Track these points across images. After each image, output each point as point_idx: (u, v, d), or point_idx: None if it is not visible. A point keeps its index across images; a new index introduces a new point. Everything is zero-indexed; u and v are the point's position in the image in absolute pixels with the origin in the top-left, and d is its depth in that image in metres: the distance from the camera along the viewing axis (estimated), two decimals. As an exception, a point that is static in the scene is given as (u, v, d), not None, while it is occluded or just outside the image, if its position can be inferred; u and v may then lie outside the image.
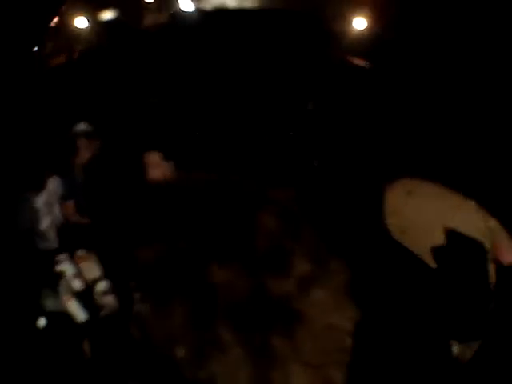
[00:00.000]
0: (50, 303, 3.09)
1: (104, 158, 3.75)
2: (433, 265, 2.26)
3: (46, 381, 2.70)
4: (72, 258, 3.25)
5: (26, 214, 3.74)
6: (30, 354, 2.84)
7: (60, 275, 3.11)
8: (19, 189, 3.72)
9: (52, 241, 3.65)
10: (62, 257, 3.17)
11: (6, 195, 3.81)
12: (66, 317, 3.06)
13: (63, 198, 3.92)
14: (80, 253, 3.32)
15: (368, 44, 8.73)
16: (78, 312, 3.04)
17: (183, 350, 2.20)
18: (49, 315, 3.08)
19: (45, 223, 3.81)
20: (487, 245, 2.25)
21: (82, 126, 3.97)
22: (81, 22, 14.14)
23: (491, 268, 2.41)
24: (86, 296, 3.10)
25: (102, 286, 3.16)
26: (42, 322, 3.04)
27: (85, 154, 3.80)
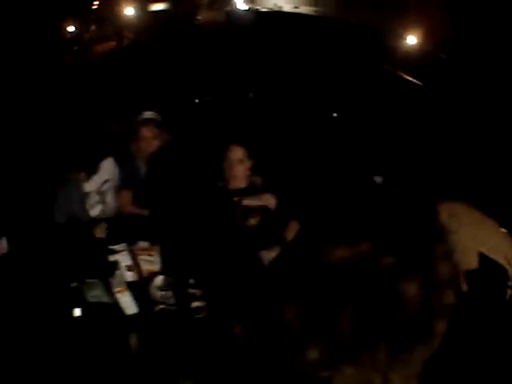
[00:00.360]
0: (96, 293, 2.80)
1: (173, 150, 3.55)
2: (464, 287, 2.16)
3: (87, 373, 2.44)
4: (131, 249, 2.98)
5: (74, 197, 3.49)
6: (71, 343, 2.56)
7: (114, 266, 2.90)
8: (68, 169, 3.58)
9: (102, 230, 3.36)
10: (119, 247, 2.97)
11: (52, 175, 3.69)
12: (113, 308, 2.78)
13: (120, 187, 3.65)
14: (142, 244, 3.06)
15: (418, 60, 8.62)
16: (129, 305, 2.76)
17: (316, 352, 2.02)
18: (93, 305, 2.81)
19: (96, 211, 3.57)
20: (510, 272, 2.18)
21: (149, 114, 3.73)
22: (129, 11, 14.21)
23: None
24: (139, 289, 2.83)
25: (159, 280, 2.88)
26: (77, 312, 2.77)
27: (151, 143, 3.57)
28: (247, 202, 3.23)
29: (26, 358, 2.45)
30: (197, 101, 6.35)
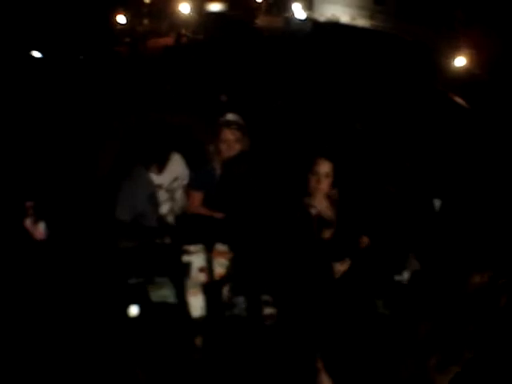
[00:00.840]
0: (163, 293, 2.74)
1: (255, 156, 3.49)
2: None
3: (149, 371, 2.37)
4: (208, 250, 2.92)
5: (140, 193, 3.44)
6: (126, 342, 2.51)
7: (186, 266, 2.85)
8: (133, 163, 3.54)
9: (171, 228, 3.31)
10: (194, 248, 2.91)
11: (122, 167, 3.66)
12: (179, 309, 2.72)
13: (191, 187, 3.60)
14: (220, 247, 2.99)
15: (466, 82, 8.50)
16: (199, 307, 2.69)
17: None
18: (157, 305, 2.74)
19: (165, 208, 3.50)
20: None
21: (233, 117, 3.64)
22: (184, 8, 14.37)
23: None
24: (212, 292, 2.76)
25: (232, 284, 2.83)
26: (134, 311, 2.69)
27: (233, 147, 3.50)
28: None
29: (76, 353, 2.40)
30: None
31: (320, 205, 3.21)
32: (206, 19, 14.96)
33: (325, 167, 3.17)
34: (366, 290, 2.79)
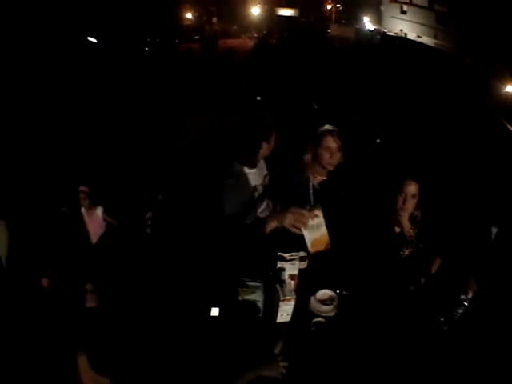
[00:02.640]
0: (253, 297, 2.80)
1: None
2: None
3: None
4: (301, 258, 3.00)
5: (245, 190, 3.50)
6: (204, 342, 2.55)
7: (278, 272, 2.89)
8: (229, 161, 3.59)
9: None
10: (290, 255, 2.95)
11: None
12: (264, 314, 2.81)
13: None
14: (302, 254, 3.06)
15: None
16: (287, 314, 2.74)
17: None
18: (244, 308, 2.81)
19: (263, 205, 3.53)
20: None
21: (331, 126, 3.68)
22: (255, 10, 14.54)
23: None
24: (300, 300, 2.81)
25: (322, 293, 2.91)
26: (215, 311, 2.70)
27: (336, 155, 3.53)
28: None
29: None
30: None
31: (404, 223, 3.33)
32: (277, 23, 15.02)
33: (412, 188, 3.32)
34: (434, 306, 2.82)
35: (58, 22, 12.34)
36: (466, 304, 2.77)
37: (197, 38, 16.03)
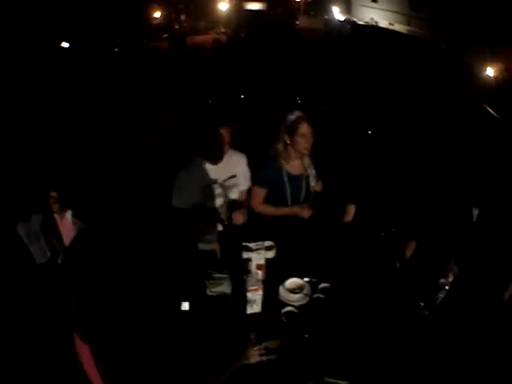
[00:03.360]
0: (220, 289, 2.78)
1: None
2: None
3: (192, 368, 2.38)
4: (265, 247, 3.00)
5: (195, 184, 3.47)
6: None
7: (245, 262, 2.87)
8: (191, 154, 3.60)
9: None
10: (255, 245, 2.94)
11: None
12: (234, 305, 2.77)
13: (255, 183, 3.65)
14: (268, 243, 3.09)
15: (495, 92, 8.41)
16: (256, 304, 2.71)
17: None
18: (212, 300, 2.80)
19: (217, 202, 3.48)
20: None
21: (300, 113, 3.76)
22: (222, 6, 14.39)
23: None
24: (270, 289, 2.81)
25: (290, 282, 2.87)
26: (186, 306, 2.69)
27: (309, 140, 3.60)
28: None
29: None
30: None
31: None
32: (246, 18, 15.01)
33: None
34: (413, 291, 2.81)
35: (31, 29, 12.27)
36: (446, 288, 2.76)
37: (165, 36, 16.04)
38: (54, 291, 2.93)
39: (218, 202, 3.41)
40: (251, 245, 2.96)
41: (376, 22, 15.79)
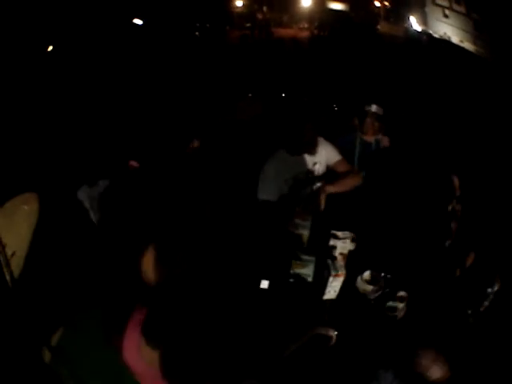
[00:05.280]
0: (304, 271, 2.88)
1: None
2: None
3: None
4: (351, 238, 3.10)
5: (282, 174, 3.59)
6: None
7: (330, 249, 2.98)
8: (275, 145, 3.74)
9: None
10: (343, 234, 3.05)
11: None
12: (312, 289, 2.85)
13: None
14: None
15: None
16: (334, 290, 2.80)
17: None
18: (294, 282, 2.89)
19: (305, 192, 3.59)
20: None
21: (376, 108, 3.88)
22: (306, 2, 14.23)
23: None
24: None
25: (368, 274, 2.94)
26: (265, 284, 2.82)
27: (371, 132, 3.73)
28: None
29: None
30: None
31: None
32: (328, 16, 14.95)
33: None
34: (464, 298, 2.87)
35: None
36: (492, 297, 2.80)
37: (248, 25, 16.05)
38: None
39: (306, 190, 3.51)
40: (338, 233, 3.05)
41: (449, 37, 15.54)
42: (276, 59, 9.63)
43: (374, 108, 4.11)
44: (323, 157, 3.66)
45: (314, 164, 3.62)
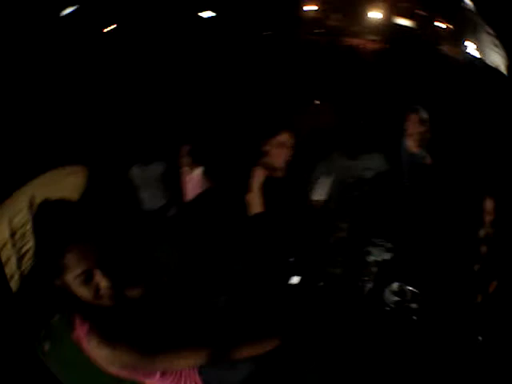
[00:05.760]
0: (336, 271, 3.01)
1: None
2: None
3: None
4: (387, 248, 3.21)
5: (336, 174, 3.77)
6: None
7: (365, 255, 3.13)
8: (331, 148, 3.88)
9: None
10: (378, 241, 3.20)
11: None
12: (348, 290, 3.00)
13: None
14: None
15: None
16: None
17: None
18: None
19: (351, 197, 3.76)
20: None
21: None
22: (375, 15, 14.10)
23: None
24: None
25: (396, 286, 3.04)
26: (295, 280, 2.95)
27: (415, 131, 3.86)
28: None
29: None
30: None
31: None
32: (395, 31, 14.82)
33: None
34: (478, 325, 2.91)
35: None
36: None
37: (317, 31, 15.97)
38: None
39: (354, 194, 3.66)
40: (376, 240, 3.18)
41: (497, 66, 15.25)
42: (343, 68, 9.61)
43: (422, 113, 4.11)
44: (375, 164, 3.80)
45: (365, 170, 3.78)
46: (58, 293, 1.88)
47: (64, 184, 3.41)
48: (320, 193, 3.68)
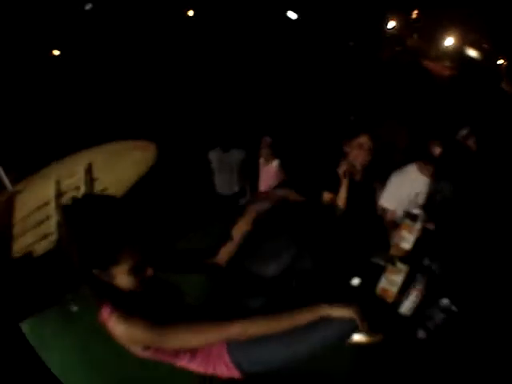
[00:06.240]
0: (394, 279, 2.98)
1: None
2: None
3: None
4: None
5: (408, 186, 3.90)
6: None
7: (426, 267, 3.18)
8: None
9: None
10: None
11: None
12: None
13: None
14: None
15: None
16: (411, 306, 2.91)
17: None
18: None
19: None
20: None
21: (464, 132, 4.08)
22: (449, 41, 13.96)
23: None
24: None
25: (445, 302, 2.99)
26: (356, 281, 3.03)
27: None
28: None
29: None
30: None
31: None
32: (468, 62, 14.60)
33: None
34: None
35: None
36: None
37: (398, 49, 16.34)
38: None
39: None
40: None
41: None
42: (419, 89, 9.68)
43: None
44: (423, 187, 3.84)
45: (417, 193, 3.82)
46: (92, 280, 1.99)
47: (127, 157, 3.35)
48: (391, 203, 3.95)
